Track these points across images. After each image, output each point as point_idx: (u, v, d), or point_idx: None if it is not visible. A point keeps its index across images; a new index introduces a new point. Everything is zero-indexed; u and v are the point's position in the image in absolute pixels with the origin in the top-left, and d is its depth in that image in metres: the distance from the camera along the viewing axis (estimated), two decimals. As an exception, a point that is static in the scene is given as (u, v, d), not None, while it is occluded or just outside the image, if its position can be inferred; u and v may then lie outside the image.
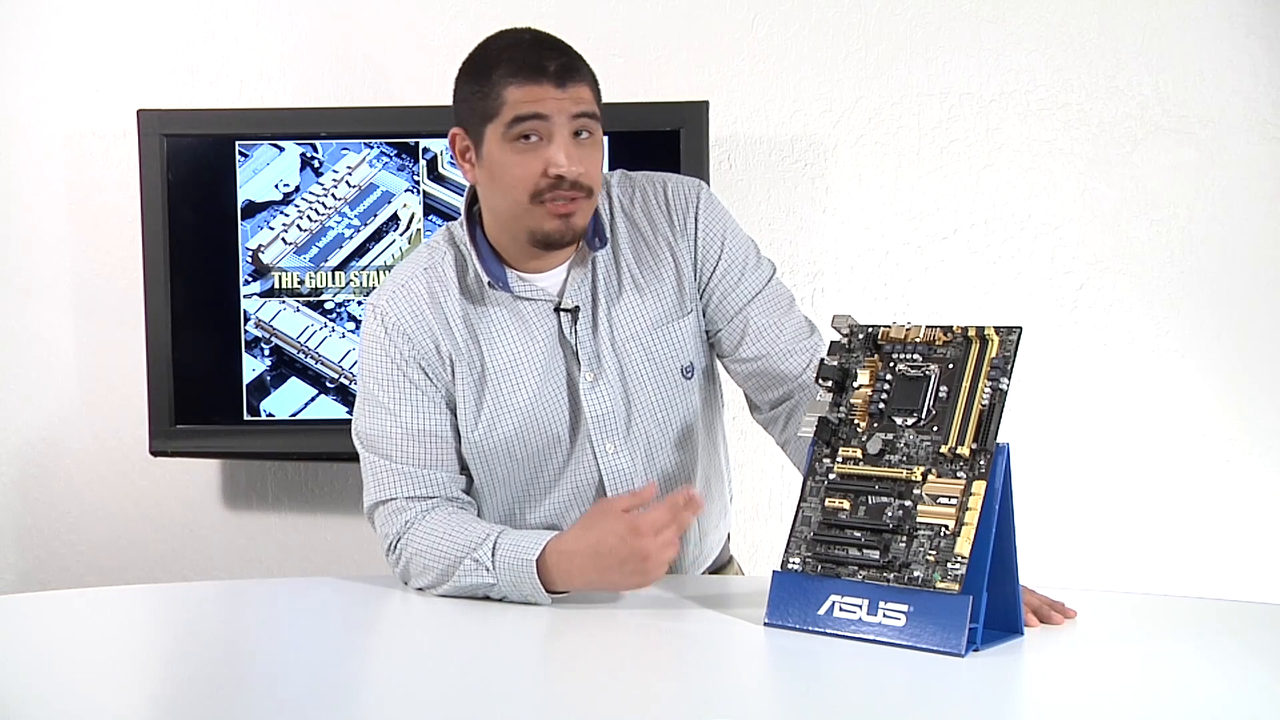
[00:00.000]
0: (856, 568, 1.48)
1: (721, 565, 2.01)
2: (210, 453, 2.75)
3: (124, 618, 1.75)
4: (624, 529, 1.61)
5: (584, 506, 1.83)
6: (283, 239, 2.63)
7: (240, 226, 2.63)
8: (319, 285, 2.64)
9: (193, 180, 2.64)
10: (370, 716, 1.34)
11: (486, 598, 1.70)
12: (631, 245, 1.83)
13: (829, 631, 1.48)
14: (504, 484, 1.84)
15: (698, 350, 1.86)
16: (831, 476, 1.53)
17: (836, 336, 1.58)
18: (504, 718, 1.31)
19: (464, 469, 1.84)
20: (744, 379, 1.86)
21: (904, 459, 1.49)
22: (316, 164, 2.63)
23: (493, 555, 1.67)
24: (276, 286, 2.64)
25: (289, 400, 2.66)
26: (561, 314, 1.80)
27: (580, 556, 1.63)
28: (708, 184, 2.05)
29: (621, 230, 1.83)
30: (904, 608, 1.44)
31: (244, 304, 2.64)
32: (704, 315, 1.86)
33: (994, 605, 1.44)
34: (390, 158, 2.62)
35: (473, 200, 1.83)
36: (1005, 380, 1.46)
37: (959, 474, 1.45)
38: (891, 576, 1.45)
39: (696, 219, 1.83)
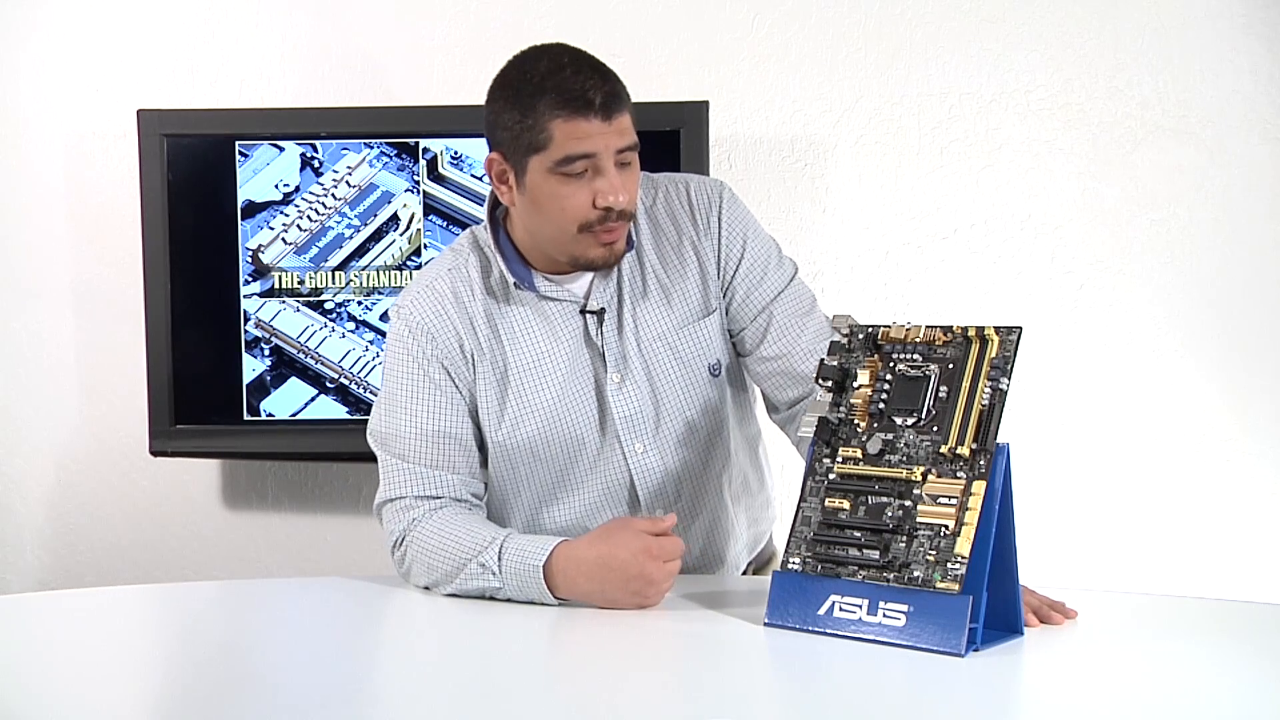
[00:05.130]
0: (856, 568, 1.48)
1: (769, 558, 2.03)
2: (210, 453, 2.75)
3: (124, 618, 1.76)
4: (639, 547, 1.62)
5: (615, 506, 1.85)
6: (283, 239, 2.63)
7: (240, 226, 2.63)
8: (319, 285, 2.64)
9: (193, 180, 2.64)
10: (371, 716, 1.34)
11: (491, 598, 1.70)
12: (655, 246, 1.85)
13: (829, 631, 1.48)
14: (528, 484, 1.85)
15: (723, 348, 1.87)
16: (831, 476, 1.53)
17: (836, 336, 1.59)
18: (505, 717, 1.31)
19: (480, 475, 1.85)
20: (764, 378, 1.86)
21: (904, 459, 1.49)
22: (316, 164, 2.63)
23: (499, 560, 1.67)
24: (276, 286, 2.64)
25: (289, 400, 2.66)
26: (587, 316, 1.81)
27: (589, 564, 1.64)
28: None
29: (645, 231, 1.85)
30: (904, 608, 1.44)
31: (244, 304, 2.64)
32: (726, 314, 1.87)
33: (994, 605, 1.44)
34: (390, 158, 2.62)
35: (495, 203, 1.84)
36: (1005, 380, 1.46)
37: (959, 474, 1.45)
38: (891, 576, 1.45)
39: (720, 218, 1.85)
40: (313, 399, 2.66)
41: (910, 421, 1.50)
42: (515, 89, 1.72)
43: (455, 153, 2.61)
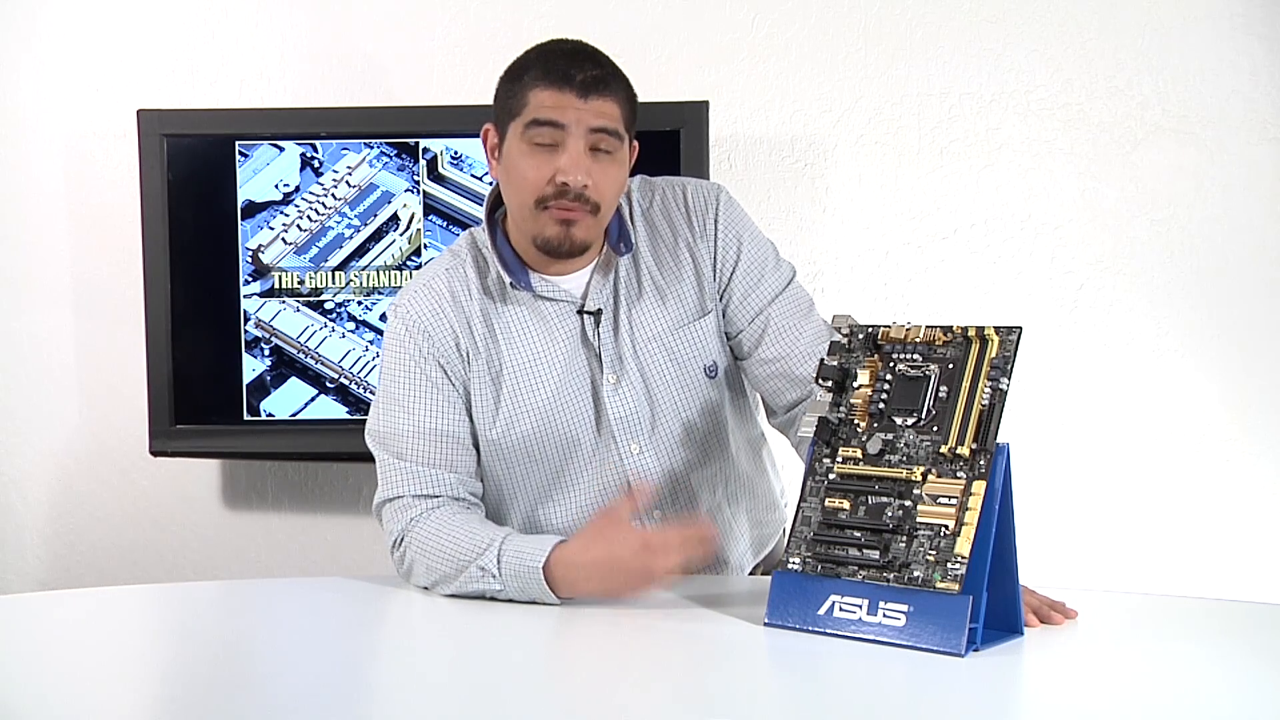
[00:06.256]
0: (856, 568, 1.48)
1: (779, 561, 2.03)
2: (210, 453, 2.75)
3: (124, 618, 1.76)
4: (637, 544, 1.63)
5: None
6: (283, 239, 2.63)
7: (240, 226, 2.63)
8: (319, 285, 2.64)
9: (193, 180, 2.64)
10: (371, 716, 1.34)
11: (492, 598, 1.70)
12: (651, 248, 1.85)
13: (829, 631, 1.48)
14: (525, 483, 1.85)
15: (720, 350, 1.87)
16: (831, 476, 1.53)
17: (836, 337, 1.58)
18: (505, 717, 1.31)
19: (477, 474, 1.85)
20: (762, 381, 1.86)
21: (904, 459, 1.49)
22: (316, 164, 2.63)
23: (498, 563, 1.67)
24: (276, 286, 2.64)
25: (289, 400, 2.66)
26: (584, 316, 1.81)
27: (589, 568, 1.64)
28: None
29: (641, 233, 1.85)
30: (904, 608, 1.44)
31: (244, 304, 2.64)
32: (724, 316, 1.87)
33: (994, 605, 1.44)
34: (390, 158, 2.62)
35: (494, 205, 1.85)
36: (1005, 380, 1.46)
37: (959, 474, 1.45)
38: (891, 576, 1.45)
39: (716, 221, 1.85)
40: (313, 399, 2.66)
41: (910, 421, 1.50)
42: (513, 65, 1.79)
43: (455, 153, 2.61)
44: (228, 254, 2.64)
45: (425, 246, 2.62)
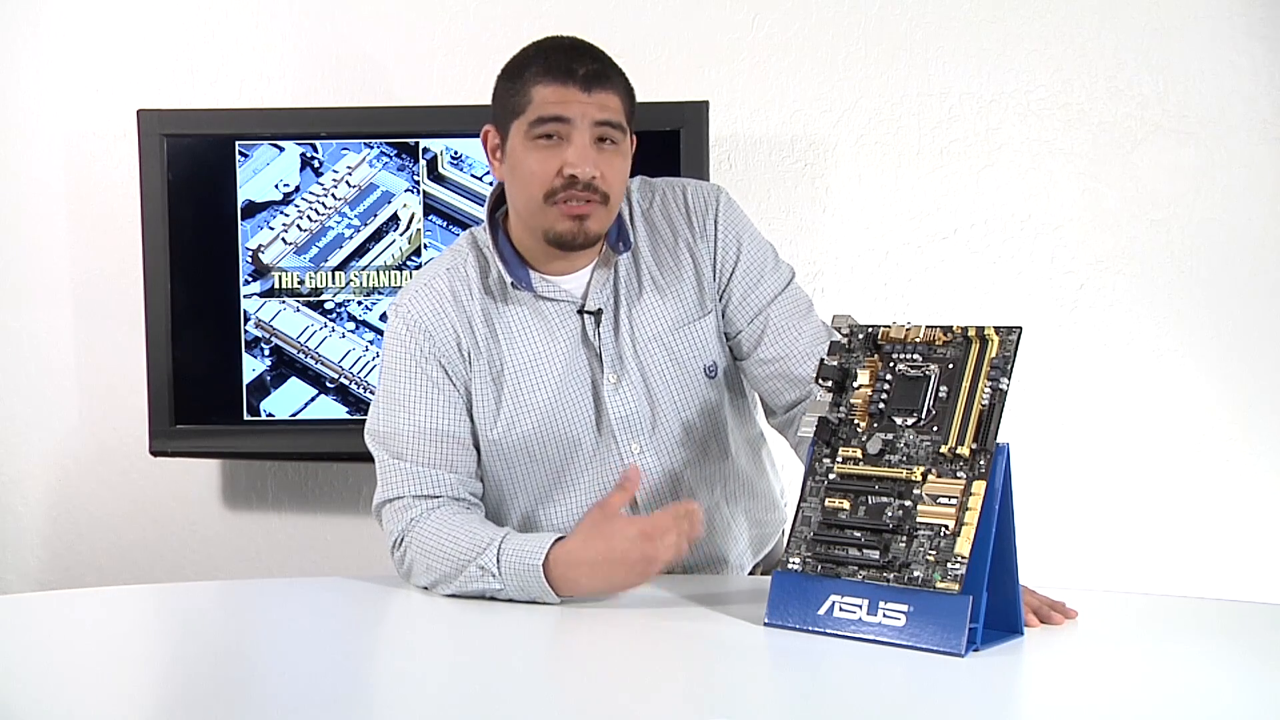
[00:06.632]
0: (856, 568, 1.48)
1: (778, 561, 2.03)
2: (210, 453, 2.75)
3: (124, 618, 1.76)
4: (635, 534, 1.62)
5: None
6: (283, 239, 2.63)
7: (240, 226, 2.63)
8: (319, 285, 2.64)
9: (193, 180, 2.64)
10: (371, 716, 1.34)
11: (492, 598, 1.70)
12: (651, 248, 1.85)
13: (829, 631, 1.48)
14: (525, 483, 1.85)
15: (719, 350, 1.87)
16: (831, 476, 1.53)
17: (836, 336, 1.59)
18: (505, 717, 1.31)
19: (477, 475, 1.85)
20: (761, 381, 1.87)
21: (904, 459, 1.49)
22: (316, 164, 2.63)
23: (498, 562, 1.67)
24: (276, 286, 2.64)
25: (289, 400, 2.66)
26: (585, 316, 1.81)
27: (589, 564, 1.64)
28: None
29: (641, 233, 1.86)
30: (904, 608, 1.44)
31: (244, 304, 2.64)
32: (724, 317, 1.87)
33: (994, 605, 1.44)
34: (390, 158, 2.62)
35: (495, 205, 1.85)
36: (1005, 380, 1.46)
37: (959, 474, 1.45)
38: (891, 576, 1.45)
39: (716, 221, 1.86)
40: (313, 399, 2.66)
41: (910, 421, 1.50)
42: (512, 63, 1.79)
43: (455, 153, 2.61)
44: (228, 254, 2.64)
45: (425, 246, 2.62)
